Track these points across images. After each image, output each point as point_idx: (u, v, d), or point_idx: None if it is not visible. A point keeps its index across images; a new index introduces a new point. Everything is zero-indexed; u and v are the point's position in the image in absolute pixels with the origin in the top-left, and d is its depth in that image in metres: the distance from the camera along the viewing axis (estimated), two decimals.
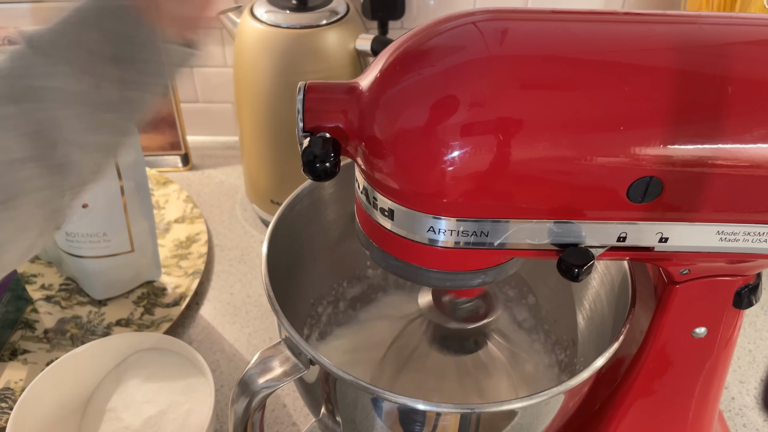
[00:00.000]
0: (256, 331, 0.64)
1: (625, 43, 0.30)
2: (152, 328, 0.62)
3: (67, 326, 0.63)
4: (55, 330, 0.62)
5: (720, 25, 0.32)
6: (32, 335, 0.62)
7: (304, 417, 0.57)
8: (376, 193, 0.32)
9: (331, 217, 0.50)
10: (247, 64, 0.65)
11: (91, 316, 0.64)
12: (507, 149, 0.29)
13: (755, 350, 0.63)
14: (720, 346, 0.40)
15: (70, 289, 0.66)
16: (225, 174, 0.84)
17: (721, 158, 0.30)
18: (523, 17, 0.32)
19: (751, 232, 0.32)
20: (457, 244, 0.32)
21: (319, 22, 0.63)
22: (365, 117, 0.31)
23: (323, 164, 0.31)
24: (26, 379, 0.58)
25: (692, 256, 0.34)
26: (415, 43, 0.31)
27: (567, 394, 0.37)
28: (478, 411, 0.36)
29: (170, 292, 0.66)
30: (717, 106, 0.29)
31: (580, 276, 0.32)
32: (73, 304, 0.65)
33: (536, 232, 0.32)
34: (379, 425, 0.38)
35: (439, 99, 0.30)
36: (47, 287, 0.67)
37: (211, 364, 0.61)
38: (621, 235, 0.32)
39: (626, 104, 0.29)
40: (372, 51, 0.65)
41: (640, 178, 0.30)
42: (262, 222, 0.77)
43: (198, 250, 0.71)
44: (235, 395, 0.38)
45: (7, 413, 0.54)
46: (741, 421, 0.57)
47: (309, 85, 0.32)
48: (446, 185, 0.30)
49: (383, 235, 0.34)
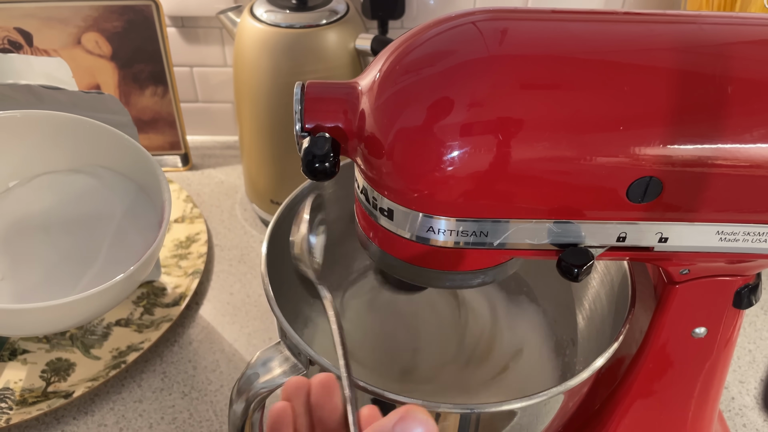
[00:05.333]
0: (256, 331, 0.64)
1: (625, 43, 0.30)
2: (152, 328, 0.62)
3: None
4: None
5: (720, 25, 0.32)
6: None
7: None
8: (376, 193, 0.32)
9: (331, 217, 0.50)
10: (247, 64, 0.65)
11: None
12: (506, 149, 0.29)
13: (755, 350, 0.63)
14: (720, 346, 0.40)
15: None
16: (225, 174, 0.84)
17: (721, 158, 0.30)
18: (523, 17, 0.32)
19: (751, 232, 0.32)
20: (456, 244, 0.32)
21: (318, 21, 0.63)
22: (365, 117, 0.31)
23: (322, 164, 0.31)
24: (26, 379, 0.58)
25: (692, 256, 0.34)
26: (415, 42, 0.31)
27: (567, 394, 0.37)
28: (478, 411, 0.36)
29: (170, 292, 0.66)
30: (717, 106, 0.29)
31: (579, 276, 0.32)
32: None
33: (536, 232, 0.32)
34: None
35: (438, 99, 0.29)
36: None
37: (210, 364, 0.61)
38: (621, 235, 0.32)
39: (626, 104, 0.29)
40: (372, 51, 0.65)
41: (640, 178, 0.30)
42: (262, 222, 0.77)
43: (198, 250, 0.71)
44: (235, 395, 0.38)
45: (7, 413, 0.54)
46: (741, 421, 0.57)
47: (308, 85, 0.32)
48: (446, 185, 0.30)
49: (383, 235, 0.34)
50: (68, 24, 0.73)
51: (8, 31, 0.72)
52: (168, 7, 0.76)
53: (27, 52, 0.74)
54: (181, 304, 0.64)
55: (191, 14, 0.77)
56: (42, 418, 0.56)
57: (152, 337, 0.61)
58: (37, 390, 0.57)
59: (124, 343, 0.61)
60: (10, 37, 0.73)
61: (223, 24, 0.68)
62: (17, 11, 0.71)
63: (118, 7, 0.73)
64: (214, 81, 0.84)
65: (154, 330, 0.62)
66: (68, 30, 0.73)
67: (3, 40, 0.73)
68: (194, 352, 0.62)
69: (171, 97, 0.80)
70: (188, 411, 0.57)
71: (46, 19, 0.72)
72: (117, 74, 0.78)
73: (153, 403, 0.58)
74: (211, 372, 0.60)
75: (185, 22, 0.79)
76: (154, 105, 0.80)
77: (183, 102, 0.84)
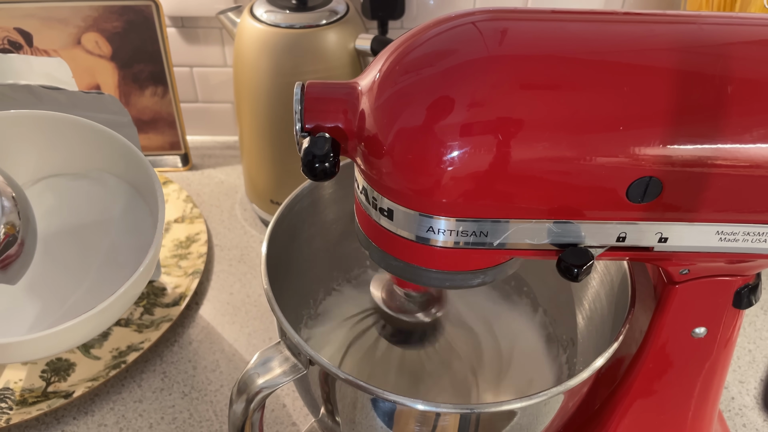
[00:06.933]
0: (256, 331, 0.64)
1: (625, 43, 0.30)
2: (152, 328, 0.62)
3: None
4: None
5: (720, 25, 0.32)
6: None
7: (304, 417, 0.57)
8: (376, 193, 0.32)
9: (331, 217, 0.50)
10: (247, 64, 0.65)
11: None
12: (506, 149, 0.29)
13: (755, 350, 0.63)
14: (720, 346, 0.40)
15: None
16: (225, 174, 0.84)
17: (721, 158, 0.30)
18: (523, 17, 0.32)
19: (751, 232, 0.32)
20: (456, 244, 0.32)
21: (318, 21, 0.63)
22: (365, 117, 0.31)
23: (322, 164, 0.31)
24: (26, 379, 0.58)
25: (692, 256, 0.34)
26: (415, 42, 0.31)
27: (566, 394, 0.37)
28: (478, 411, 0.36)
29: (170, 292, 0.66)
30: (716, 106, 0.29)
31: (579, 276, 0.32)
32: None
33: (536, 232, 0.32)
34: (378, 425, 0.38)
35: (438, 99, 0.30)
36: None
37: (210, 364, 0.61)
38: (620, 235, 0.32)
39: (626, 104, 0.29)
40: (372, 51, 0.65)
41: (640, 178, 0.30)
42: (261, 222, 0.77)
43: (198, 250, 0.71)
44: (235, 395, 0.38)
45: (7, 413, 0.54)
46: (741, 421, 0.57)
47: (308, 85, 0.32)
48: (446, 185, 0.30)
49: (383, 235, 0.34)
50: (68, 24, 0.73)
51: (8, 31, 0.72)
52: (168, 8, 0.76)
53: (27, 53, 0.74)
54: (181, 304, 0.64)
55: (191, 14, 0.77)
56: (42, 418, 0.56)
57: (152, 337, 0.61)
58: (37, 390, 0.57)
59: (124, 343, 0.61)
60: (10, 37, 0.73)
61: (223, 24, 0.68)
62: (17, 11, 0.71)
63: (118, 7, 0.73)
64: (214, 81, 0.84)
65: (154, 330, 0.62)
66: (68, 30, 0.73)
67: (3, 40, 0.73)
68: (194, 352, 0.62)
69: (171, 97, 0.80)
70: (188, 411, 0.57)
71: (46, 19, 0.72)
72: (117, 74, 0.78)
73: (153, 403, 0.58)
74: (211, 372, 0.60)
75: (185, 23, 0.79)
76: (154, 105, 0.80)
77: (183, 102, 0.84)
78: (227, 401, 0.57)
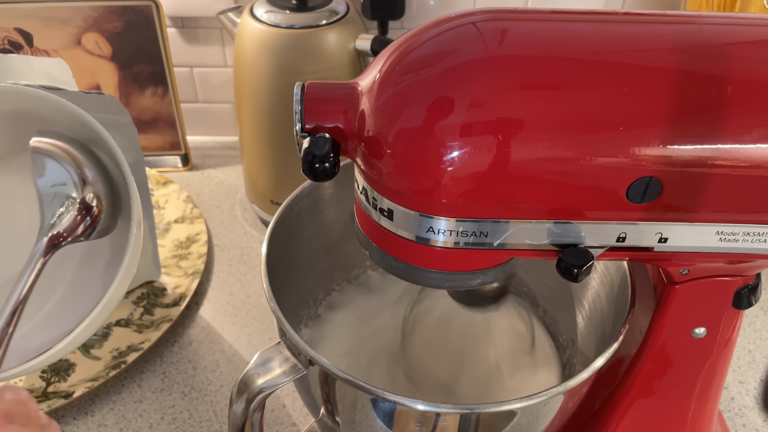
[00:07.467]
0: (256, 331, 0.64)
1: (625, 43, 0.30)
2: (152, 329, 0.62)
3: None
4: None
5: (720, 25, 0.32)
6: None
7: (304, 417, 0.57)
8: (376, 193, 0.32)
9: (331, 217, 0.50)
10: (247, 64, 0.65)
11: None
12: (506, 150, 0.29)
13: (755, 350, 0.63)
14: (719, 347, 0.40)
15: None
16: (225, 174, 0.84)
17: (721, 158, 0.30)
18: (523, 17, 0.32)
19: (751, 233, 0.32)
20: (456, 244, 0.32)
21: (318, 22, 0.63)
22: (365, 117, 0.31)
23: (322, 165, 0.31)
24: (26, 379, 0.58)
25: (692, 256, 0.34)
26: (415, 43, 0.31)
27: (566, 394, 0.37)
28: (478, 411, 0.36)
29: (170, 292, 0.66)
30: (717, 106, 0.29)
31: (579, 276, 0.32)
32: None
33: (536, 233, 0.32)
34: (378, 425, 0.38)
35: (438, 99, 0.30)
36: None
37: (210, 364, 0.61)
38: (620, 235, 0.32)
39: (626, 104, 0.29)
40: (372, 51, 0.65)
41: (640, 178, 0.30)
42: (261, 222, 0.77)
43: (198, 250, 0.71)
44: (235, 395, 0.38)
45: None
46: (741, 421, 0.57)
47: (308, 85, 0.32)
48: (446, 185, 0.30)
49: (383, 235, 0.34)
50: (68, 24, 0.73)
51: (8, 31, 0.72)
52: (168, 8, 0.76)
53: (27, 53, 0.74)
54: (181, 305, 0.64)
55: (191, 14, 0.77)
56: None
57: (152, 338, 0.61)
58: (37, 390, 0.57)
59: (124, 343, 0.61)
60: (10, 38, 0.73)
61: (223, 24, 0.68)
62: (17, 11, 0.71)
63: (118, 7, 0.73)
64: (214, 81, 0.84)
65: (154, 330, 0.62)
66: (68, 30, 0.73)
67: (3, 40, 0.73)
68: (194, 352, 0.62)
69: (171, 97, 0.80)
70: (188, 411, 0.57)
71: (46, 19, 0.72)
72: (117, 74, 0.78)
73: (153, 403, 0.58)
74: (211, 372, 0.60)
75: (185, 23, 0.79)
76: (154, 105, 0.80)
77: (183, 102, 0.84)
78: (227, 401, 0.57)
